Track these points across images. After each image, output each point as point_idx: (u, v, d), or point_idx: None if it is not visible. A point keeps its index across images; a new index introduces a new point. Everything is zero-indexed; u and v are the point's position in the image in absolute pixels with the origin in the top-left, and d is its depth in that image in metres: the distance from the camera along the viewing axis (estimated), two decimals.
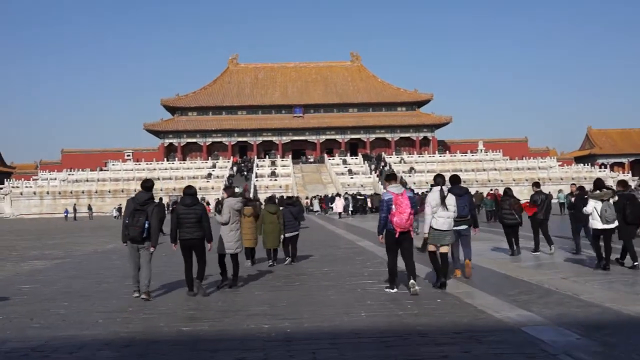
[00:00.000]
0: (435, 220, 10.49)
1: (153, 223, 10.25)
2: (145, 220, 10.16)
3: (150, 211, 10.27)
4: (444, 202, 10.47)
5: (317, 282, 11.71)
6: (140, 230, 10.14)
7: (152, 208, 10.31)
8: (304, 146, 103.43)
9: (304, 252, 17.76)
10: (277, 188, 67.59)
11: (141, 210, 10.24)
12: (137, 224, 10.14)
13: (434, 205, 10.46)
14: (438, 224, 10.48)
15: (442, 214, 10.48)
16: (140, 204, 10.30)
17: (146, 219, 10.17)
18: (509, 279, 11.62)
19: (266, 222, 14.74)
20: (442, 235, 10.55)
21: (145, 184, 10.66)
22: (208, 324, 8.19)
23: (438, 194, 10.51)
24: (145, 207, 10.29)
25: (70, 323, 8.46)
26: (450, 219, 10.57)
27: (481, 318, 8.10)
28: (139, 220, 10.16)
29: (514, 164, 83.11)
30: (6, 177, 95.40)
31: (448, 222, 10.55)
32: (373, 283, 11.40)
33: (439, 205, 10.44)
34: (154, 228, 10.30)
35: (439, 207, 10.45)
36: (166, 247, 13.36)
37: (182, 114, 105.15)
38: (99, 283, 12.45)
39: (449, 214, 10.53)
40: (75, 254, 19.93)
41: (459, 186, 11.94)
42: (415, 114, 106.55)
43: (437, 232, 10.53)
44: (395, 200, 9.95)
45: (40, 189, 77.22)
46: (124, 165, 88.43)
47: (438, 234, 10.54)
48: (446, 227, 10.53)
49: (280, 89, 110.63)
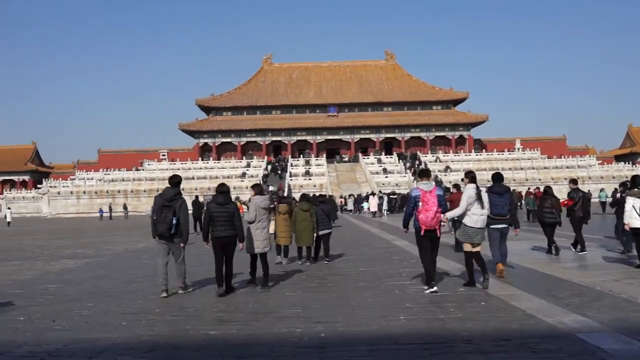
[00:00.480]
0: (469, 217, 10.19)
1: (182, 219, 10.17)
2: (172, 216, 10.05)
3: (178, 207, 10.15)
4: (480, 199, 10.20)
5: (352, 283, 11.16)
6: (167, 226, 10.02)
7: (179, 204, 10.19)
8: (338, 145, 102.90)
9: (338, 251, 17.30)
10: (311, 187, 67.19)
11: (169, 207, 10.12)
12: (165, 220, 10.03)
13: (470, 203, 10.17)
14: (472, 221, 10.18)
15: (476, 211, 10.19)
16: (167, 200, 10.18)
17: (174, 215, 10.06)
18: (556, 281, 10.93)
19: (299, 220, 14.42)
20: (475, 232, 10.23)
21: (172, 180, 10.53)
22: (237, 327, 7.71)
23: (474, 191, 10.22)
24: (173, 203, 10.17)
25: (92, 325, 8.06)
26: (484, 217, 10.28)
27: (531, 323, 7.48)
28: (166, 216, 10.04)
29: (552, 163, 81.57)
30: (45, 177, 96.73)
31: (482, 219, 10.25)
32: (411, 284, 10.83)
33: (474, 202, 10.17)
34: (183, 224, 10.19)
35: (474, 204, 10.17)
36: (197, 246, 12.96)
37: (216, 113, 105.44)
38: (128, 283, 12.07)
39: (483, 212, 10.24)
40: (106, 252, 19.68)
41: (500, 184, 11.65)
42: (451, 113, 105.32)
43: (471, 229, 10.21)
44: (423, 197, 9.76)
45: (77, 189, 78.03)
46: (159, 164, 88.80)
47: (472, 232, 10.22)
48: (479, 224, 10.23)
49: (315, 88, 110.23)
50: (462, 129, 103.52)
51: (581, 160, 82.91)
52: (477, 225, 10.20)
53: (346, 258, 15.77)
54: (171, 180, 10.50)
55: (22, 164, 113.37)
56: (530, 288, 10.03)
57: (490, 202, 10.92)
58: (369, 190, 63.41)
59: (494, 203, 11.20)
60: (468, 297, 9.36)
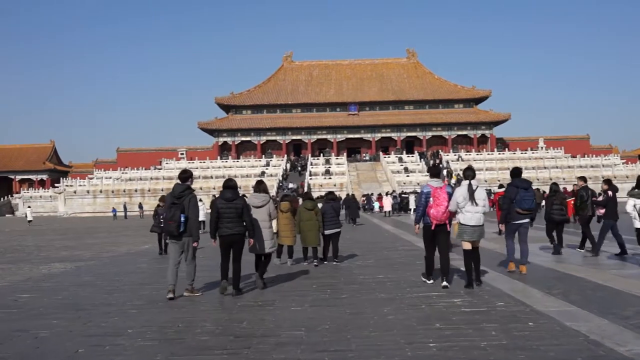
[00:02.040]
0: (462, 215, 9.94)
1: (190, 215, 9.48)
2: (180, 213, 9.40)
3: (187, 203, 9.48)
4: (472, 197, 9.90)
5: (370, 294, 9.46)
6: (176, 224, 9.40)
7: (188, 200, 9.51)
8: (358, 144, 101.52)
9: (356, 253, 15.77)
10: (331, 186, 65.81)
11: (177, 204, 9.51)
12: (173, 218, 9.42)
13: (460, 201, 9.90)
14: (465, 218, 9.91)
15: (470, 208, 9.90)
16: (176, 197, 9.56)
17: (182, 212, 9.41)
18: (612, 293, 9.15)
19: (303, 220, 13.60)
20: (471, 230, 9.94)
21: (181, 175, 9.90)
22: (222, 357, 6.07)
23: (466, 188, 9.95)
24: (182, 199, 9.53)
25: (41, 353, 6.42)
26: (479, 214, 9.95)
27: (600, 355, 5.75)
28: (174, 214, 9.43)
29: (576, 162, 79.79)
30: (63, 177, 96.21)
31: (477, 217, 9.94)
32: (440, 295, 9.12)
33: (467, 200, 9.89)
34: (192, 221, 9.50)
35: (466, 201, 9.89)
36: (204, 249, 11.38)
37: (236, 112, 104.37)
38: (110, 292, 10.48)
39: (477, 209, 9.93)
40: (105, 255, 18.22)
41: (523, 179, 11.61)
42: (473, 111, 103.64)
43: (466, 227, 9.96)
44: (434, 194, 9.99)
45: (94, 188, 77.11)
46: (178, 163, 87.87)
47: (467, 229, 9.96)
48: (474, 222, 9.92)
49: (335, 87, 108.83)
50: (484, 128, 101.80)
51: (606, 160, 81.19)
52: (471, 222, 9.90)
53: (364, 262, 14.14)
54: (180, 176, 9.88)
55: (40, 163, 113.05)
56: (582, 302, 8.29)
57: (519, 197, 11.20)
58: (390, 189, 61.75)
59: (523, 197, 11.24)
60: (511, 315, 7.64)
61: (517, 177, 11.59)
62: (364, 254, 16.18)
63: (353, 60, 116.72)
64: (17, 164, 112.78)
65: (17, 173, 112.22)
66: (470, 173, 10.26)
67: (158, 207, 17.75)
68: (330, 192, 15.91)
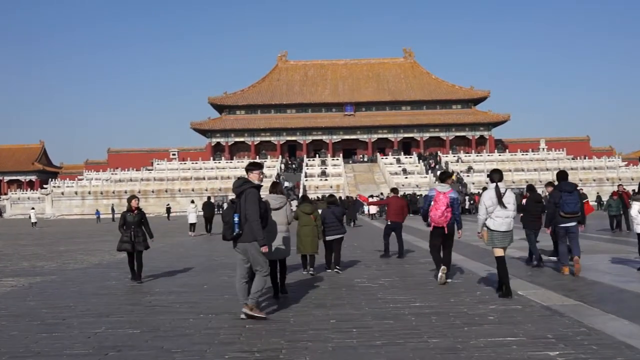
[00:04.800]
0: (492, 220, 9.42)
1: (248, 211, 7.69)
2: (234, 213, 7.78)
3: (243, 200, 7.77)
4: (501, 201, 9.34)
5: (414, 337, 6.63)
6: (230, 227, 7.80)
7: (244, 195, 7.79)
8: (355, 145, 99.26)
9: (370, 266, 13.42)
10: (327, 188, 63.51)
11: (235, 203, 7.89)
12: (225, 219, 7.91)
13: (489, 205, 9.38)
14: (495, 224, 9.40)
15: (500, 213, 9.37)
16: (236, 195, 7.94)
17: (235, 212, 7.77)
18: None
19: (301, 225, 12.39)
20: (502, 236, 9.41)
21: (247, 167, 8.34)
22: None
23: (494, 192, 9.44)
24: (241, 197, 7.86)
25: None
26: (509, 219, 9.43)
27: None
28: (227, 214, 7.89)
29: (579, 164, 77.91)
30: (52, 178, 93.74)
31: (507, 222, 9.41)
32: (522, 343, 6.29)
33: (495, 204, 9.34)
34: (251, 221, 7.67)
35: (495, 206, 9.34)
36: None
37: (230, 112, 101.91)
38: (51, 327, 7.62)
39: (507, 213, 9.39)
40: (72, 266, 15.41)
41: (568, 182, 11.65)
42: (471, 112, 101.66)
43: (497, 233, 9.41)
44: (436, 197, 10.49)
45: (82, 189, 74.54)
46: (169, 164, 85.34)
47: (498, 235, 9.41)
48: (505, 227, 9.39)
49: (331, 87, 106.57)
50: (482, 129, 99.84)
51: (609, 161, 79.25)
52: (501, 228, 9.37)
53: (384, 279, 11.61)
54: (246, 167, 8.31)
55: (29, 164, 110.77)
56: None
57: (562, 200, 11.26)
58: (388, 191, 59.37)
59: (566, 201, 11.27)
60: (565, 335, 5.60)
61: (563, 180, 11.64)
62: (379, 265, 13.72)
63: (349, 59, 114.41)
64: (6, 165, 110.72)
65: (6, 174, 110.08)
66: (497, 176, 9.59)
67: (127, 213, 12.40)
68: (331, 195, 14.91)
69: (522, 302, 8.56)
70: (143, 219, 12.27)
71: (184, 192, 71.51)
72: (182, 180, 76.18)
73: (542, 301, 8.58)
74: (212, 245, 21.65)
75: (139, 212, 12.28)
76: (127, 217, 12.21)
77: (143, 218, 12.28)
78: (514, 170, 73.03)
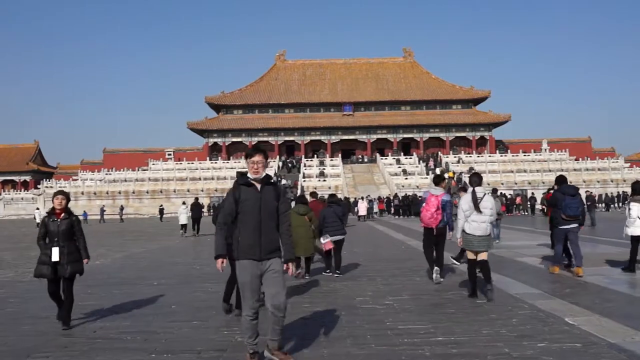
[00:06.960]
0: (468, 224, 9.46)
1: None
2: None
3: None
4: (477, 206, 9.33)
5: None
6: None
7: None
8: (353, 146, 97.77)
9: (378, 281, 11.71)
10: (326, 189, 61.88)
11: None
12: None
13: (465, 209, 9.48)
14: (471, 228, 9.43)
15: (476, 217, 9.37)
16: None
17: None
18: None
19: (295, 226, 11.41)
20: (476, 240, 9.41)
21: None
22: None
23: (470, 197, 9.46)
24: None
25: None
26: (485, 224, 9.40)
27: None
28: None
29: (582, 165, 76.52)
30: (47, 178, 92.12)
31: (483, 226, 9.40)
32: None
33: (472, 209, 9.38)
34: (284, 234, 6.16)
35: (472, 211, 9.38)
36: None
37: (227, 112, 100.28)
38: None
39: (483, 218, 9.37)
40: (28, 278, 13.03)
41: (570, 186, 11.86)
42: (472, 112, 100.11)
43: (471, 237, 9.44)
44: (428, 199, 10.89)
45: (75, 190, 72.57)
46: (165, 164, 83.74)
47: (472, 239, 9.43)
48: (480, 232, 9.40)
49: (329, 86, 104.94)
50: (483, 130, 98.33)
51: (613, 162, 77.92)
52: (476, 232, 9.40)
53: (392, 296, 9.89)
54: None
55: (24, 164, 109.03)
56: None
57: (564, 203, 11.40)
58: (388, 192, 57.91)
59: (569, 205, 11.40)
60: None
61: (563, 184, 11.94)
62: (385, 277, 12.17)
63: (348, 59, 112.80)
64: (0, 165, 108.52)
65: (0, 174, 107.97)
66: (475, 179, 9.73)
67: (48, 219, 8.25)
68: (332, 194, 14.64)
69: (576, 337, 6.77)
70: (74, 228, 8.21)
71: (179, 193, 69.73)
72: (177, 180, 74.49)
73: (603, 335, 6.76)
74: (198, 251, 19.84)
75: (68, 218, 8.21)
76: (48, 225, 8.13)
77: (74, 226, 8.21)
78: (516, 171, 71.40)
